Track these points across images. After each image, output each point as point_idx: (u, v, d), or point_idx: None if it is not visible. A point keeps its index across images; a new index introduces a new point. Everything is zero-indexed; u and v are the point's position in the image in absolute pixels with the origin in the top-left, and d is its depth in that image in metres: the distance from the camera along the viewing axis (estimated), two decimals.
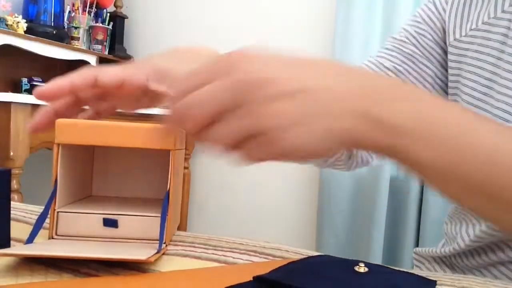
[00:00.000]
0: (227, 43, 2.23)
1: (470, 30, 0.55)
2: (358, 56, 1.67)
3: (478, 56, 0.54)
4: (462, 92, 0.55)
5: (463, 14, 0.58)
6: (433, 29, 0.61)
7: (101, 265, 0.32)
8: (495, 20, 0.53)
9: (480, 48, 0.54)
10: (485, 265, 0.54)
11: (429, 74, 0.61)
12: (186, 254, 0.36)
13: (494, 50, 0.52)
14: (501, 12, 0.53)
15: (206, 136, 0.30)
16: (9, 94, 1.55)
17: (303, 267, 0.31)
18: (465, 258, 0.56)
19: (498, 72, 0.51)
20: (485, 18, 0.54)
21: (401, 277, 0.30)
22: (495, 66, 0.52)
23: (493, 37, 0.53)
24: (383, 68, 0.62)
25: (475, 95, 0.53)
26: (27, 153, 1.62)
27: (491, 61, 0.52)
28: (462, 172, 0.31)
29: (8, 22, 1.79)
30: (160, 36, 2.33)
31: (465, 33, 0.56)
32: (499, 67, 0.51)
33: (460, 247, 0.55)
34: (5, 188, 0.34)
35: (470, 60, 0.55)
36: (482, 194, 0.32)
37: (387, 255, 1.61)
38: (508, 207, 0.32)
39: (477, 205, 0.34)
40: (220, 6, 2.17)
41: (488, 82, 0.52)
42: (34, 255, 0.32)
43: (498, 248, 0.51)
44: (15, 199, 1.56)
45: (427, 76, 0.61)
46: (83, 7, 2.22)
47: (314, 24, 1.93)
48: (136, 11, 2.41)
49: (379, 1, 1.65)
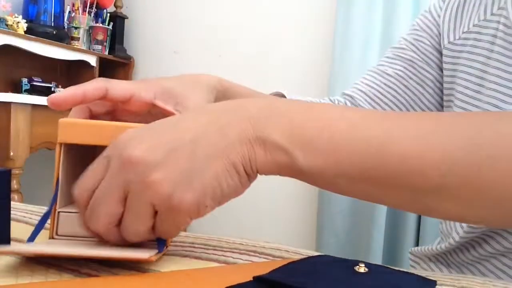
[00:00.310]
0: (227, 43, 2.24)
1: (463, 33, 0.58)
2: (358, 56, 1.67)
3: (469, 56, 0.56)
4: (456, 92, 0.57)
5: (456, 18, 0.60)
6: (431, 35, 0.63)
7: (101, 265, 0.32)
8: (485, 22, 0.55)
9: (472, 49, 0.56)
10: (480, 259, 0.55)
11: (429, 78, 0.63)
12: (186, 254, 0.37)
13: (484, 51, 0.54)
14: (491, 14, 0.55)
15: (124, 231, 0.32)
16: (9, 94, 1.55)
17: (303, 267, 0.31)
18: (460, 253, 0.57)
19: (487, 71, 0.53)
20: (476, 21, 0.57)
21: (401, 277, 0.30)
22: (485, 65, 0.54)
23: (483, 38, 0.55)
24: (385, 75, 0.65)
25: (467, 93, 0.56)
26: (27, 153, 1.62)
27: (482, 60, 0.54)
28: (349, 169, 0.32)
29: (8, 22, 1.79)
30: (160, 36, 2.33)
31: (458, 36, 0.59)
32: (489, 66, 0.53)
33: (455, 241, 0.56)
34: (5, 188, 0.34)
35: (463, 61, 0.57)
36: (374, 183, 0.32)
37: (387, 255, 1.61)
38: (391, 189, 0.32)
39: (377, 195, 0.34)
40: (220, 6, 2.17)
41: (479, 80, 0.54)
42: (35, 253, 0.32)
43: (491, 238, 0.53)
44: (15, 199, 1.56)
45: (427, 80, 0.63)
46: (83, 7, 2.22)
47: (314, 24, 1.93)
48: (136, 11, 2.41)
49: (379, 1, 1.65)
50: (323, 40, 1.89)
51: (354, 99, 0.66)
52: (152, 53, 2.37)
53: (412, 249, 0.68)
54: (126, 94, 0.42)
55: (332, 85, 1.70)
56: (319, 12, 1.92)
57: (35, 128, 1.65)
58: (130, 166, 0.30)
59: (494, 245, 0.52)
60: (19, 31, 1.81)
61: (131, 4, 2.41)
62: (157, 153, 0.30)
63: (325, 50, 1.87)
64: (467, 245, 0.56)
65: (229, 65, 2.12)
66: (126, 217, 0.31)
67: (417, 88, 0.63)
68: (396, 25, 1.61)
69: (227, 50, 2.15)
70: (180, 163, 0.30)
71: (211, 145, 0.31)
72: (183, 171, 0.30)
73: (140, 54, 2.41)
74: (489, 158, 0.30)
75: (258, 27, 2.08)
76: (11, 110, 1.54)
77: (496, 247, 0.52)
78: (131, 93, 0.42)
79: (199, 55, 2.22)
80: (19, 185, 1.60)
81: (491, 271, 0.53)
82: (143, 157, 0.30)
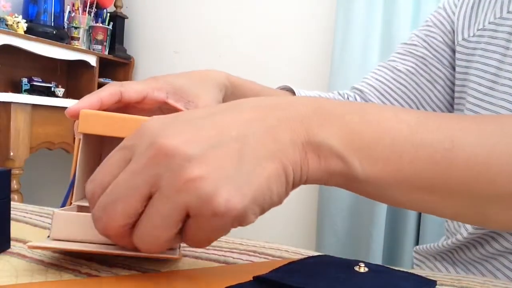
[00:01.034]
0: (227, 43, 2.24)
1: (478, 30, 0.58)
2: (358, 56, 1.67)
3: (484, 54, 0.56)
4: (469, 89, 0.56)
5: (471, 15, 0.60)
6: (444, 32, 0.63)
7: (101, 265, 0.32)
8: (501, 20, 0.55)
9: (486, 47, 0.56)
10: (488, 257, 0.55)
11: (440, 77, 0.63)
12: (186, 254, 0.37)
13: (499, 48, 0.54)
14: (507, 12, 0.55)
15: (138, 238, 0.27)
16: (9, 94, 1.55)
17: (303, 267, 0.31)
18: (467, 250, 0.57)
19: (503, 68, 0.53)
20: (491, 19, 0.56)
21: (401, 277, 0.30)
22: (500, 63, 0.53)
23: (499, 35, 0.55)
24: (395, 71, 0.65)
25: (480, 91, 0.55)
26: (27, 153, 1.62)
27: (496, 58, 0.54)
28: (407, 175, 0.29)
29: (8, 22, 1.79)
30: (160, 36, 2.33)
31: (473, 34, 0.58)
32: (504, 65, 0.53)
33: (463, 237, 0.56)
34: (5, 188, 0.34)
35: (477, 58, 0.57)
36: (433, 192, 0.30)
37: (387, 255, 1.61)
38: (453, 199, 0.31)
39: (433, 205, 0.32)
40: (220, 6, 2.17)
41: (494, 77, 0.54)
42: (70, 250, 0.31)
43: (500, 236, 0.52)
44: (15, 199, 1.56)
45: (438, 79, 0.63)
46: (83, 7, 2.22)
47: (314, 24, 1.93)
48: (136, 11, 2.41)
49: (379, 1, 1.65)
50: (323, 40, 1.89)
51: (364, 93, 0.66)
52: (152, 53, 2.37)
53: (416, 248, 0.68)
54: (140, 96, 0.42)
55: (332, 85, 1.70)
56: (319, 12, 1.92)
57: (35, 128, 1.65)
58: (163, 158, 0.25)
59: (503, 242, 0.52)
60: (19, 31, 1.81)
61: (131, 4, 2.41)
62: (197, 147, 0.26)
63: (325, 50, 1.87)
64: (475, 243, 0.55)
65: (229, 65, 2.12)
66: (146, 221, 0.26)
67: (427, 86, 0.63)
68: (396, 25, 1.61)
69: (227, 50, 2.15)
70: (225, 161, 0.26)
71: (261, 146, 0.27)
72: (228, 171, 0.26)
73: (140, 54, 2.41)
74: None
75: (258, 27, 2.07)
76: (11, 110, 1.54)
77: (505, 244, 0.52)
78: (144, 94, 0.42)
79: (199, 55, 2.22)
80: (19, 185, 1.60)
81: (498, 269, 0.53)
82: (181, 148, 0.25)
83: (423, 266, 0.65)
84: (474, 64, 0.57)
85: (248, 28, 2.10)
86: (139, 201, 0.26)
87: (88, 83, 2.19)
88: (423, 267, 0.65)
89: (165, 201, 0.25)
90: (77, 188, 0.37)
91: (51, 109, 1.69)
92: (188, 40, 2.25)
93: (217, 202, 0.25)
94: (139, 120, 0.36)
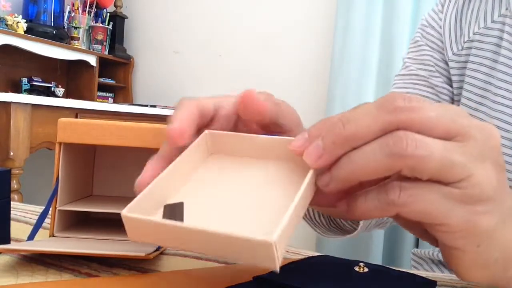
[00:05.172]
0: (227, 43, 2.24)
1: (464, 42, 0.56)
2: (358, 56, 1.67)
3: (471, 66, 0.55)
4: (460, 104, 0.56)
5: (456, 27, 0.58)
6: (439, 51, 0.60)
7: (101, 265, 0.32)
8: (485, 30, 0.54)
9: (473, 59, 0.55)
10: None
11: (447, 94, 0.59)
12: (186, 254, 0.36)
13: (486, 60, 0.53)
14: (491, 22, 0.54)
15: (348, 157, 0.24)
16: (9, 94, 1.55)
17: (303, 267, 0.31)
18: None
19: (492, 81, 0.52)
20: (476, 29, 0.55)
21: (401, 277, 0.30)
22: (489, 75, 0.52)
23: (485, 47, 0.54)
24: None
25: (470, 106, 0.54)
26: (27, 153, 1.62)
27: (485, 70, 0.53)
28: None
29: (8, 22, 1.79)
30: (160, 36, 2.33)
31: (461, 47, 0.57)
32: (493, 77, 0.52)
33: None
34: (5, 188, 0.34)
35: (467, 72, 0.55)
36: None
37: (387, 255, 1.61)
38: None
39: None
40: (220, 6, 2.17)
41: (483, 90, 0.53)
42: (35, 251, 0.32)
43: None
44: (15, 199, 1.56)
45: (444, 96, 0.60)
46: (83, 7, 2.22)
47: (314, 24, 1.93)
48: (136, 11, 2.41)
49: (379, 1, 1.65)
50: (323, 40, 1.89)
51: None
52: (152, 53, 2.38)
53: (414, 250, 0.67)
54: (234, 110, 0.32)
55: (332, 85, 1.70)
56: (319, 12, 1.92)
57: (35, 128, 1.64)
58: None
59: None
60: (19, 31, 1.81)
61: (131, 4, 2.41)
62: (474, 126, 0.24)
63: (325, 50, 1.87)
64: None
65: (229, 65, 2.12)
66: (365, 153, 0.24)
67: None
68: (396, 25, 1.61)
69: (227, 50, 2.15)
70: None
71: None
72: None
73: (140, 54, 2.41)
74: None
75: (258, 27, 2.08)
76: (11, 110, 1.54)
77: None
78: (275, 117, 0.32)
79: (199, 55, 2.22)
80: (19, 185, 1.60)
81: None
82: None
83: (421, 268, 0.65)
84: (465, 78, 0.55)
85: (248, 29, 2.10)
86: (377, 131, 0.24)
87: (88, 83, 2.19)
88: (421, 269, 0.65)
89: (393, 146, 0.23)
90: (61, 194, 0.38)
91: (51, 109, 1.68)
92: (188, 40, 2.25)
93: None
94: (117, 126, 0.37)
